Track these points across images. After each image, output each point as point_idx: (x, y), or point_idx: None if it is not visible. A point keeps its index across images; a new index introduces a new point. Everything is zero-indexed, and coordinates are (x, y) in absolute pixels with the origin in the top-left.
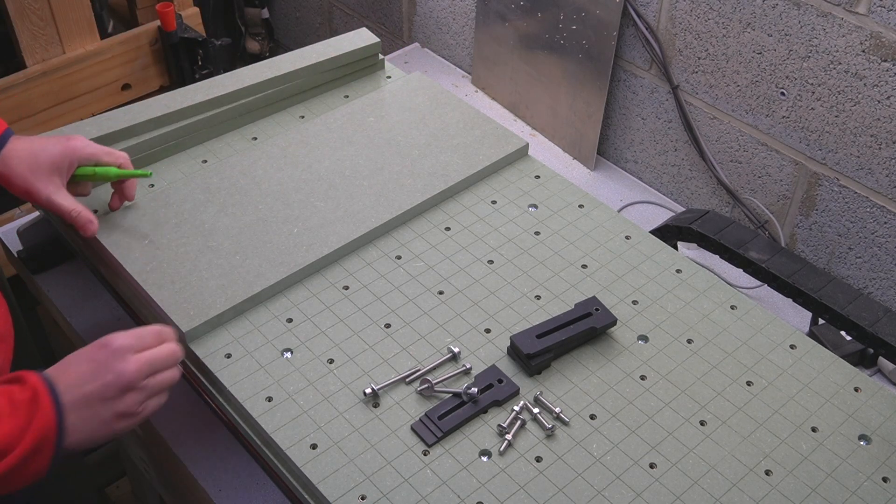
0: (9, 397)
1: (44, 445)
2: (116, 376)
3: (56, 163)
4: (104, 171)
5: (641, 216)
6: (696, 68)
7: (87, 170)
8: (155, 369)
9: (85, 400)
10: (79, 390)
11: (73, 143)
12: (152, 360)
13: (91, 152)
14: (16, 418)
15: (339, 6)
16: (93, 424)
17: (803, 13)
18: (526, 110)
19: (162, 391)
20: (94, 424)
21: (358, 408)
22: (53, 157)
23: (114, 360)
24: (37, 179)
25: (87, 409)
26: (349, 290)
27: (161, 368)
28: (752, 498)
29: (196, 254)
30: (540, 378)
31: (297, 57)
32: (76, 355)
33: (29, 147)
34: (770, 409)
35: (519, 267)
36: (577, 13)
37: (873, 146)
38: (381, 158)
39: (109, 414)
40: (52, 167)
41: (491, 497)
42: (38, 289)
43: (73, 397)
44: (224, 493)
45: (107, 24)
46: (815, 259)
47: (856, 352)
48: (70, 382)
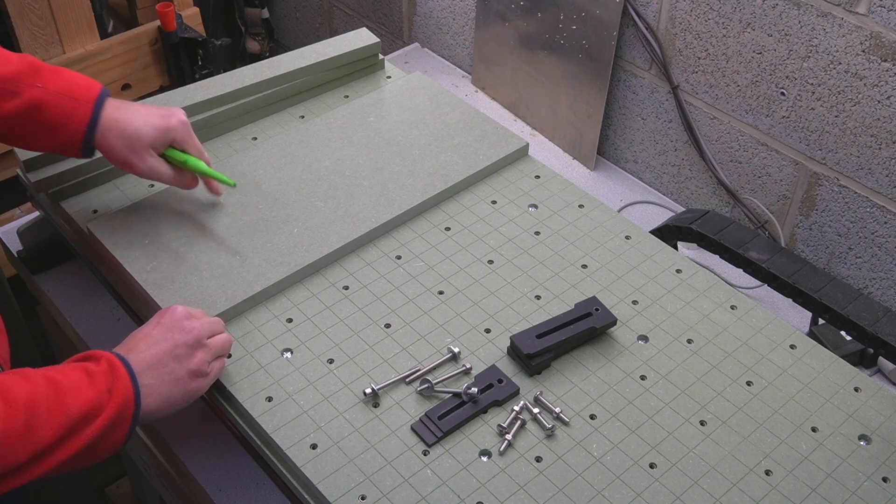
0: (85, 370)
1: (125, 409)
2: (185, 333)
3: (153, 143)
4: (195, 163)
5: (641, 216)
6: (696, 68)
7: (178, 155)
8: (214, 331)
9: (158, 358)
10: (150, 351)
11: (171, 123)
12: (211, 322)
13: (184, 138)
14: (96, 386)
15: (339, 6)
16: (167, 384)
17: (803, 13)
18: (526, 110)
19: (225, 352)
20: (168, 384)
21: (358, 408)
22: (152, 138)
23: (180, 320)
24: (135, 155)
25: (161, 367)
26: (349, 290)
27: (219, 331)
28: (752, 498)
29: (196, 254)
30: (540, 378)
31: (297, 57)
32: (140, 329)
33: (128, 121)
34: (770, 409)
35: (519, 267)
36: (577, 13)
37: (873, 146)
38: (381, 158)
39: (183, 372)
40: (150, 145)
41: (491, 497)
42: (38, 289)
43: (146, 357)
44: (224, 493)
45: (107, 24)
46: (815, 259)
47: (856, 352)
48: (140, 347)
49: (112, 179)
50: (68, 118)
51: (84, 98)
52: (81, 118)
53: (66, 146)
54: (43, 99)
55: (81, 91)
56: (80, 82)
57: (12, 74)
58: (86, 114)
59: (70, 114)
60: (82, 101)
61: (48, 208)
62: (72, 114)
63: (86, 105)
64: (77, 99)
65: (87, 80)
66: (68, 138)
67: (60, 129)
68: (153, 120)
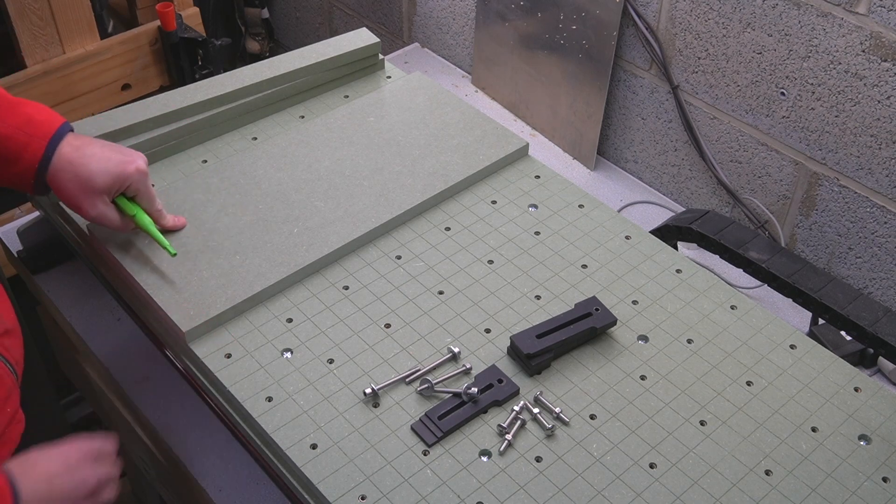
0: None
1: None
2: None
3: (107, 189)
4: (141, 219)
5: (641, 216)
6: (696, 68)
7: (128, 207)
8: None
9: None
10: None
11: (128, 171)
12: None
13: (137, 188)
14: None
15: (339, 6)
16: None
17: (803, 13)
18: (526, 110)
19: None
20: None
21: (358, 408)
22: (106, 184)
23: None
24: (86, 200)
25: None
26: (349, 290)
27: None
28: (752, 498)
29: (196, 254)
30: (540, 378)
31: (297, 57)
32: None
33: (83, 164)
34: (770, 409)
35: (519, 267)
36: (577, 13)
37: (873, 146)
38: (381, 158)
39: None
40: (103, 191)
41: (491, 497)
42: (38, 289)
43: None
44: (224, 493)
45: (107, 24)
46: (815, 259)
47: (856, 352)
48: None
49: None
50: (21, 153)
51: (39, 134)
52: (34, 154)
53: (18, 182)
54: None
55: (38, 127)
56: (40, 118)
57: None
58: (38, 150)
59: (23, 149)
60: (37, 138)
61: (48, 208)
62: (24, 150)
63: (40, 141)
64: (32, 135)
65: (48, 116)
66: (20, 174)
67: (12, 164)
68: (110, 166)
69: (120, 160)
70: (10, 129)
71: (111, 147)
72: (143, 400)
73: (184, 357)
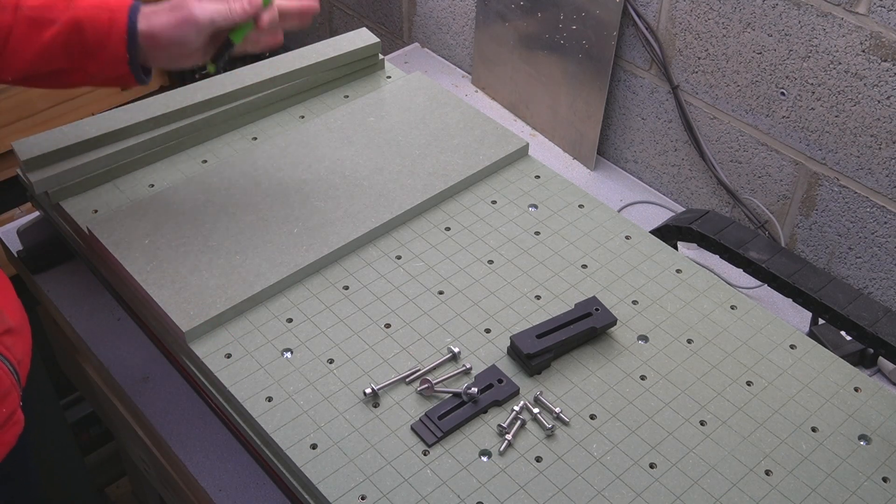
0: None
1: None
2: None
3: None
4: None
5: (641, 216)
6: (696, 68)
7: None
8: None
9: None
10: None
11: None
12: None
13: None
14: None
15: (339, 6)
16: None
17: (803, 13)
18: (526, 110)
19: None
20: None
21: (358, 408)
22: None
23: None
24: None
25: None
26: (349, 290)
27: None
28: (752, 498)
29: (196, 254)
30: (540, 378)
31: (297, 57)
32: None
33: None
34: (770, 409)
35: (519, 267)
36: (577, 13)
37: (873, 146)
38: (381, 158)
39: None
40: None
41: (491, 497)
42: (38, 289)
43: None
44: (224, 493)
45: None
46: (815, 259)
47: (856, 352)
48: None
49: (112, 179)
50: (109, 27)
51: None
52: (120, 22)
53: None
54: (79, 17)
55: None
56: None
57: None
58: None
59: (109, 23)
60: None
61: (48, 208)
62: (110, 23)
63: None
64: (111, 8)
65: None
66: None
67: (104, 43)
68: None
69: None
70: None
71: None
72: (143, 400)
73: (184, 357)
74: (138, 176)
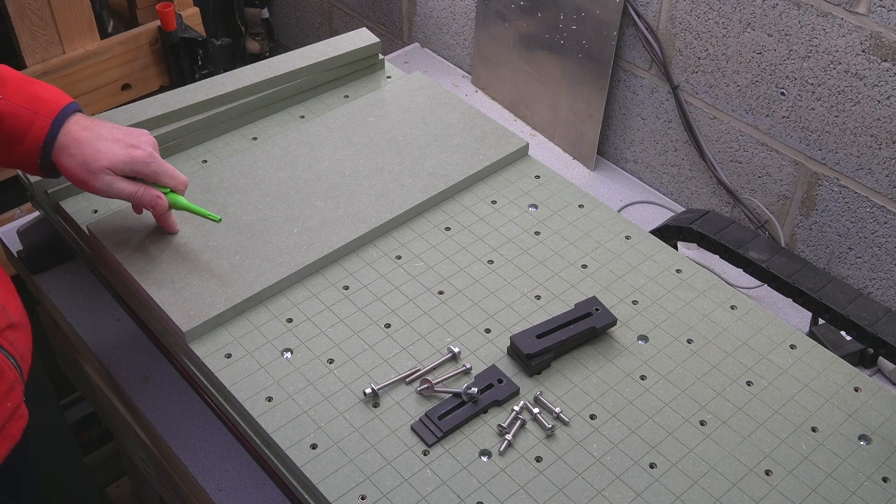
0: None
1: None
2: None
3: (113, 167)
4: (174, 199)
5: (641, 216)
6: (696, 68)
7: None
8: None
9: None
10: None
11: (136, 154)
12: None
13: (152, 171)
14: None
15: (339, 6)
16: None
17: (803, 13)
18: (526, 110)
19: None
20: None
21: (358, 408)
22: (112, 162)
23: None
24: (91, 176)
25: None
26: (349, 290)
27: None
28: (752, 498)
29: (196, 254)
30: (540, 378)
31: (297, 57)
32: None
33: (89, 142)
34: (770, 409)
35: (519, 267)
36: (577, 13)
37: (873, 146)
38: (381, 158)
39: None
40: (108, 167)
41: (491, 497)
42: (38, 289)
43: None
44: (224, 493)
45: (107, 24)
46: (815, 259)
47: (856, 352)
48: None
49: None
50: (26, 132)
51: (45, 112)
52: (38, 133)
53: (26, 161)
54: (2, 110)
55: (43, 104)
56: (47, 96)
57: None
58: (44, 127)
59: (27, 128)
60: (42, 115)
61: (48, 208)
62: (29, 128)
63: (45, 119)
64: (37, 113)
65: (55, 95)
66: (26, 152)
67: (19, 143)
68: (117, 148)
69: (128, 142)
70: (15, 107)
71: (119, 129)
72: (143, 400)
73: (184, 357)
74: None
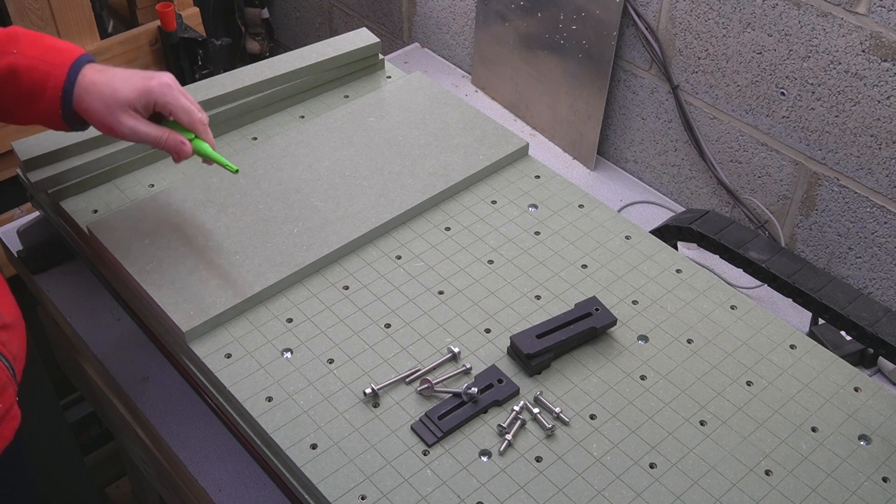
0: None
1: None
2: None
3: (132, 102)
4: (198, 145)
5: (641, 216)
6: (696, 68)
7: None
8: None
9: None
10: None
11: (151, 84)
12: None
13: (166, 101)
14: None
15: (339, 6)
16: None
17: (803, 13)
18: (526, 110)
19: None
20: None
21: (358, 408)
22: (131, 97)
23: None
24: (113, 116)
25: None
26: (349, 290)
27: None
28: (752, 498)
29: (196, 254)
30: (540, 378)
31: (297, 57)
32: None
33: (106, 83)
34: (770, 409)
35: (519, 267)
36: (577, 13)
37: (873, 146)
38: (381, 158)
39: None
40: (129, 104)
41: (491, 497)
42: (38, 289)
43: None
44: (224, 493)
45: (107, 24)
46: (815, 259)
47: (856, 352)
48: None
49: (112, 179)
50: (44, 83)
51: (59, 62)
52: (56, 82)
53: (47, 114)
54: (18, 65)
55: (57, 55)
56: (60, 47)
57: None
58: (61, 76)
59: (45, 79)
60: (57, 65)
61: (48, 208)
62: (46, 78)
63: (61, 68)
64: (52, 63)
65: (67, 46)
66: (47, 105)
67: (38, 96)
68: (134, 80)
69: (143, 75)
70: (30, 59)
71: (134, 70)
72: (143, 400)
73: (184, 357)
74: (138, 176)
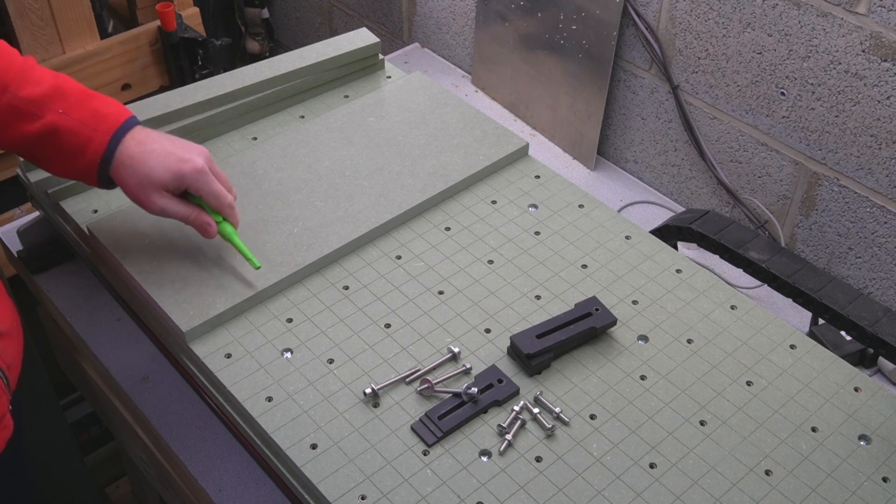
0: None
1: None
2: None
3: (165, 185)
4: (224, 229)
5: (641, 216)
6: (696, 68)
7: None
8: None
9: None
10: None
11: (185, 169)
12: None
13: (198, 187)
14: None
15: (339, 6)
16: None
17: (803, 13)
18: (526, 110)
19: None
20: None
21: (358, 408)
22: (162, 180)
23: None
24: (146, 195)
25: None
26: (349, 290)
27: None
28: (752, 498)
29: (196, 254)
30: (540, 378)
31: (297, 57)
32: None
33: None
34: (770, 409)
35: (519, 267)
36: (577, 13)
37: (873, 146)
38: (381, 158)
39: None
40: (162, 187)
41: (491, 497)
42: (38, 289)
43: None
44: (224, 493)
45: (107, 24)
46: (815, 259)
47: (856, 352)
48: None
49: None
50: (84, 147)
51: (103, 129)
52: (96, 150)
53: (84, 175)
54: (61, 125)
55: (102, 122)
56: (105, 112)
57: (38, 97)
58: (101, 145)
59: (86, 143)
60: (101, 132)
61: (48, 208)
62: (88, 143)
63: (104, 136)
64: (96, 129)
65: (114, 109)
66: (85, 167)
67: (77, 158)
68: (169, 162)
69: (178, 158)
70: (76, 123)
71: (173, 142)
72: (143, 400)
73: (184, 357)
74: None
